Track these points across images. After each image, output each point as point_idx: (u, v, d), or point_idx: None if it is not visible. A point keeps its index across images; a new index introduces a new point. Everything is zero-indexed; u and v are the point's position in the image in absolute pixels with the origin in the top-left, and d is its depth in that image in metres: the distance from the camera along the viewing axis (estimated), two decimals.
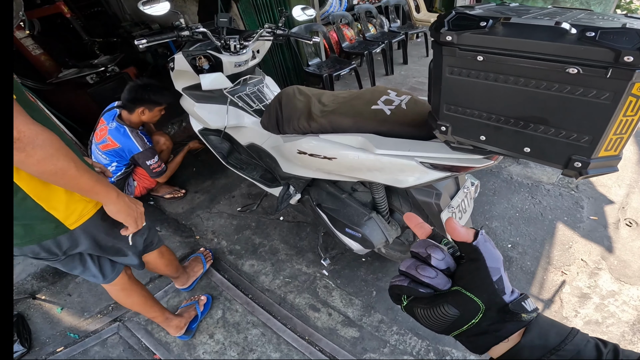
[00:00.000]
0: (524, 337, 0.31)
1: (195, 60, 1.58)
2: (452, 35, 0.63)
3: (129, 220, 0.95)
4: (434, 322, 0.33)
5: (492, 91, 0.65)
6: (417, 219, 0.38)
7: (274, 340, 1.49)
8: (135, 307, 1.35)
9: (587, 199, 1.99)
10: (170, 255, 1.48)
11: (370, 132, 1.06)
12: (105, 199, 0.88)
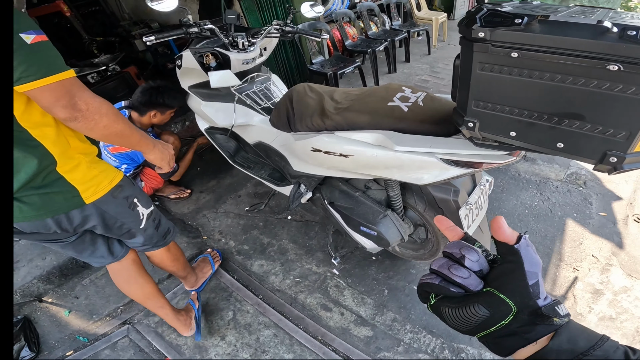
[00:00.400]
0: (552, 341, 0.31)
1: (203, 57, 1.55)
2: (485, 31, 0.62)
3: (163, 163, 1.11)
4: (461, 322, 0.33)
5: (526, 87, 0.64)
6: (448, 222, 0.39)
7: (286, 341, 1.47)
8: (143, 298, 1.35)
9: (596, 196, 1.99)
10: (177, 251, 1.44)
11: (388, 129, 1.05)
12: (146, 148, 1.03)
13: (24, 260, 1.83)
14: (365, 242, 1.39)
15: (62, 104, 0.75)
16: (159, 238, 1.24)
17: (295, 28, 1.57)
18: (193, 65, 1.51)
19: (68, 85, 0.76)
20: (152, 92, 1.80)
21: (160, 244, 1.27)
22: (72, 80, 0.77)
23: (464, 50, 0.70)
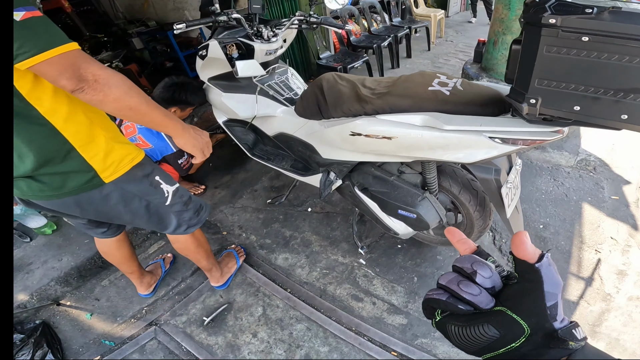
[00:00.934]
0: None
1: (226, 48, 1.53)
2: (556, 18, 0.69)
3: (196, 150, 1.00)
4: (467, 341, 0.31)
5: (593, 66, 0.71)
6: (460, 234, 0.37)
7: (320, 334, 1.45)
8: (121, 261, 1.43)
9: (606, 180, 2.05)
10: (202, 236, 1.40)
11: (432, 112, 1.05)
12: (173, 131, 0.94)
13: (37, 262, 1.76)
14: (399, 228, 1.39)
15: (67, 76, 0.72)
16: (191, 215, 1.21)
17: (319, 19, 1.56)
18: (218, 55, 1.48)
19: (71, 57, 0.73)
20: (176, 88, 1.75)
21: (194, 222, 1.24)
22: (76, 53, 0.74)
23: (529, 35, 0.77)
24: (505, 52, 2.28)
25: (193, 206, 1.21)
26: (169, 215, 1.14)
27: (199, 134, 1.02)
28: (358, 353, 1.37)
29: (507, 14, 2.17)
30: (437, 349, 1.36)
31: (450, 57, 4.11)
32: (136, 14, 3.92)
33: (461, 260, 0.32)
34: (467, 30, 5.33)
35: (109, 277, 1.76)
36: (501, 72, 2.40)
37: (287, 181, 2.26)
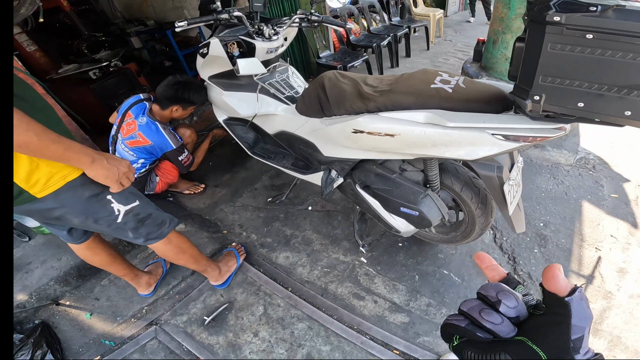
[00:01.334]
0: None
1: (227, 46, 1.52)
2: (561, 16, 0.69)
3: (109, 182, 0.95)
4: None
5: (597, 63, 0.71)
6: (490, 260, 0.37)
7: (322, 333, 1.44)
8: (104, 266, 1.41)
9: (606, 178, 2.06)
10: (183, 243, 1.38)
11: (435, 109, 1.05)
12: (79, 165, 0.88)
13: (36, 261, 1.75)
14: (401, 226, 1.39)
15: None
16: (150, 230, 1.20)
17: (320, 17, 1.56)
18: (220, 53, 1.48)
19: None
20: (179, 87, 1.74)
21: (154, 236, 1.23)
22: None
23: (533, 32, 0.77)
24: (505, 51, 2.29)
25: (152, 222, 1.20)
26: (122, 230, 1.14)
27: (115, 164, 0.94)
28: (360, 352, 1.37)
29: (507, 13, 2.17)
30: (439, 347, 1.36)
31: (450, 56, 4.11)
32: (135, 13, 3.91)
33: (487, 288, 0.32)
34: (465, 30, 5.34)
35: (109, 277, 1.74)
36: (501, 70, 2.41)
37: (287, 180, 2.25)
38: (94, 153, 0.89)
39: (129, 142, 1.77)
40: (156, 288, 1.64)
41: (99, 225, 1.09)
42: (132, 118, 1.78)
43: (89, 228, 1.14)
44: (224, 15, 1.35)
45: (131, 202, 1.12)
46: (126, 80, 2.69)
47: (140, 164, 1.85)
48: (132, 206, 1.11)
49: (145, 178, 1.95)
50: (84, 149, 0.87)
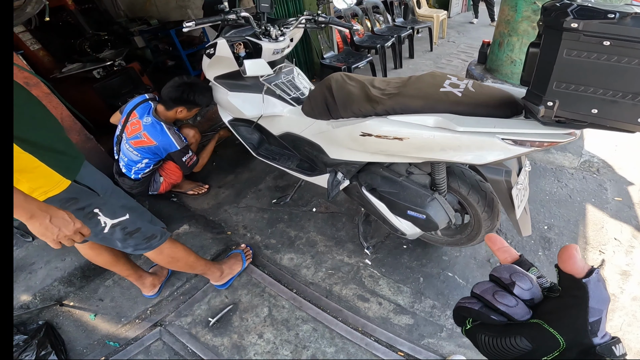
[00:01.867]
0: None
1: (233, 47, 1.52)
2: (578, 22, 0.70)
3: (45, 239, 0.86)
4: (497, 352, 0.30)
5: (613, 70, 0.72)
6: (502, 242, 0.36)
7: (326, 335, 1.44)
8: (107, 265, 1.41)
9: (609, 182, 2.06)
10: (176, 253, 1.37)
11: (444, 113, 1.05)
12: (17, 217, 0.81)
13: (40, 262, 1.74)
14: (407, 228, 1.39)
15: None
16: (138, 242, 1.20)
17: (327, 18, 1.56)
18: (226, 53, 1.47)
19: None
20: (184, 88, 1.74)
21: (142, 247, 1.23)
22: None
23: (549, 38, 0.78)
24: (510, 54, 2.29)
25: (140, 236, 1.19)
26: (109, 240, 1.14)
27: (59, 225, 0.85)
28: (364, 353, 1.37)
29: (513, 15, 2.17)
30: (444, 348, 1.36)
31: (453, 57, 4.11)
32: (138, 12, 3.90)
33: (499, 269, 0.31)
34: (468, 31, 5.34)
35: (113, 277, 1.74)
36: (506, 73, 2.41)
37: (291, 181, 2.25)
38: (37, 209, 0.82)
39: (134, 142, 1.77)
40: (160, 289, 1.64)
41: None
42: (137, 118, 1.77)
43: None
44: (231, 15, 1.35)
45: (119, 217, 1.11)
46: (129, 80, 2.68)
47: (144, 164, 1.84)
48: (120, 220, 1.11)
49: (149, 178, 1.95)
50: (25, 203, 0.80)
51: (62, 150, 0.96)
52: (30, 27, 2.63)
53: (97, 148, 2.10)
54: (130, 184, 1.92)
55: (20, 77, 1.71)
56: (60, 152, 0.95)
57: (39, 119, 0.95)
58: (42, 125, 0.95)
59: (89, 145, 2.06)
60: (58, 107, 1.87)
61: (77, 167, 1.00)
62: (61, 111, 1.89)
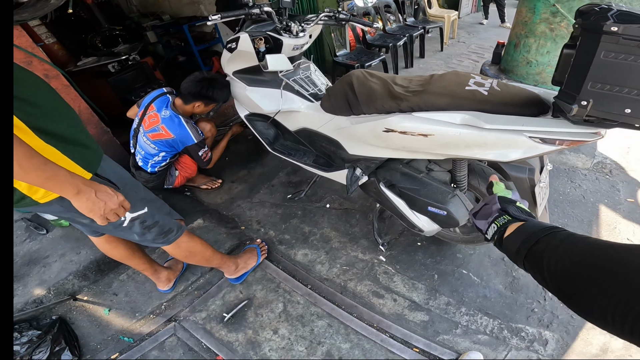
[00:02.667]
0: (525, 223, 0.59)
1: (254, 41, 1.53)
2: (618, 26, 0.72)
3: (92, 215, 0.89)
4: None
5: None
6: None
7: (342, 331, 1.44)
8: (123, 259, 1.41)
9: (622, 183, 2.07)
10: (193, 247, 1.38)
11: (470, 111, 1.06)
12: (62, 194, 0.84)
13: (54, 255, 1.75)
14: (425, 225, 1.39)
15: None
16: (155, 236, 1.21)
17: (348, 16, 1.56)
18: (248, 48, 1.48)
19: None
20: (204, 84, 1.75)
21: (159, 242, 1.24)
22: None
23: (586, 41, 0.80)
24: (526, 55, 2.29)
25: (158, 230, 1.20)
26: (128, 233, 1.14)
27: (104, 199, 0.88)
28: (380, 350, 1.38)
29: (531, 17, 2.17)
30: (459, 345, 1.37)
31: (464, 58, 4.11)
32: (150, 7, 3.91)
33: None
34: (478, 32, 5.33)
35: (127, 272, 1.74)
36: (521, 74, 2.41)
37: (304, 177, 2.26)
38: (82, 184, 0.84)
39: (151, 134, 1.78)
40: (175, 283, 1.64)
41: (105, 228, 1.09)
42: (155, 111, 1.78)
43: (96, 229, 1.16)
44: (255, 10, 1.35)
45: (139, 210, 1.11)
46: (143, 74, 2.69)
47: (161, 157, 1.85)
48: (139, 214, 1.11)
49: (165, 172, 1.96)
50: (70, 178, 0.82)
51: (83, 143, 0.96)
52: (46, 21, 2.65)
53: (113, 141, 2.11)
54: (146, 177, 1.93)
55: (40, 69, 1.73)
56: (82, 145, 0.95)
57: (61, 112, 0.95)
58: (65, 118, 0.95)
59: (105, 138, 2.07)
60: (76, 99, 1.89)
61: (98, 160, 1.00)
62: (79, 104, 1.90)
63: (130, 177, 1.16)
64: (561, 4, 2.14)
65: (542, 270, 0.46)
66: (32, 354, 1.33)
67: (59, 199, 0.92)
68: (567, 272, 0.42)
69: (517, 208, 0.66)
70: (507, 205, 0.66)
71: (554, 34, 2.23)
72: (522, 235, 0.54)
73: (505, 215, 0.64)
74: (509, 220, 0.62)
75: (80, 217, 1.01)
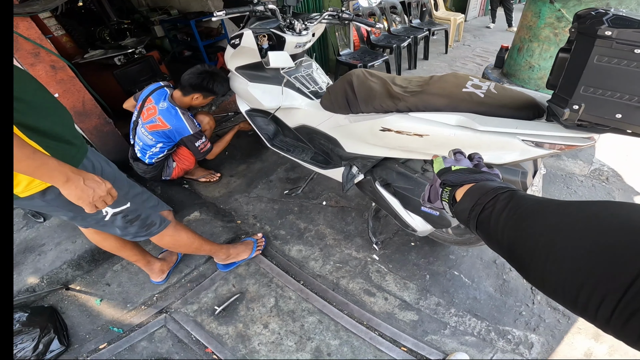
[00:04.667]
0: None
1: (257, 38, 1.54)
2: (612, 30, 0.73)
3: (81, 203, 0.90)
4: None
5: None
6: None
7: (331, 327, 1.45)
8: (114, 250, 1.41)
9: (618, 190, 2.06)
10: (177, 239, 1.39)
11: (466, 112, 1.07)
12: (52, 182, 0.86)
13: (50, 243, 1.76)
14: (418, 225, 1.40)
15: None
16: (137, 230, 1.22)
17: (351, 15, 1.57)
18: (251, 44, 1.50)
19: None
20: (205, 76, 1.77)
21: (142, 235, 1.25)
22: None
23: (581, 44, 0.80)
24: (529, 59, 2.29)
25: (140, 224, 1.22)
26: (110, 227, 1.16)
27: (92, 186, 0.90)
28: (368, 347, 1.39)
29: (535, 21, 2.17)
30: (447, 346, 1.38)
31: (468, 61, 4.11)
32: (159, 1, 3.94)
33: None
34: (484, 36, 5.32)
35: (121, 262, 1.75)
36: (523, 78, 2.41)
37: (302, 173, 2.27)
38: (71, 172, 0.85)
39: (149, 126, 1.81)
40: (169, 275, 1.66)
41: (86, 222, 1.12)
42: (153, 103, 1.81)
43: (78, 224, 1.17)
44: (259, 7, 1.37)
45: (121, 205, 1.13)
46: (148, 68, 2.71)
47: (158, 148, 1.88)
48: (121, 209, 1.13)
49: (162, 163, 1.98)
50: (59, 166, 0.84)
51: (67, 140, 0.97)
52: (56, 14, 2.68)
53: (114, 132, 2.14)
54: (144, 168, 1.95)
55: (47, 60, 1.75)
56: (66, 142, 0.96)
57: (49, 108, 0.96)
58: (51, 115, 0.96)
59: (107, 128, 2.09)
60: (81, 90, 1.91)
61: (81, 157, 1.01)
62: (83, 95, 1.93)
63: (116, 173, 1.15)
64: (567, 9, 2.14)
65: (492, 239, 0.43)
66: (19, 342, 1.32)
67: (40, 194, 0.94)
68: (512, 242, 0.39)
69: (454, 172, 0.59)
70: (444, 176, 0.60)
71: (557, 39, 2.22)
72: (467, 204, 0.49)
73: (445, 187, 0.59)
74: (451, 189, 0.57)
75: (62, 211, 1.03)
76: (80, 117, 1.97)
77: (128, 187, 1.18)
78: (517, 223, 0.39)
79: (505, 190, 0.45)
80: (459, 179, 0.57)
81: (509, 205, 0.42)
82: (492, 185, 0.49)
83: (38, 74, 1.74)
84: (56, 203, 0.98)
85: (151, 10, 3.82)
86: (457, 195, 0.54)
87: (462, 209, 0.50)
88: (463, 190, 0.53)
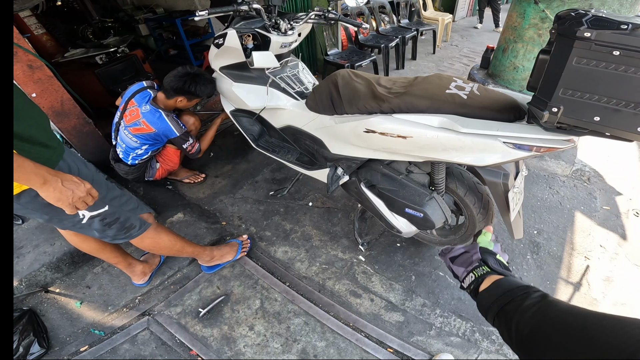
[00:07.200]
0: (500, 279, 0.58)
1: (242, 38, 1.51)
2: (591, 32, 0.72)
3: (61, 205, 0.88)
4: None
5: (620, 79, 0.74)
6: None
7: (317, 329, 1.45)
8: (94, 252, 1.38)
9: (599, 191, 2.12)
10: (159, 242, 1.36)
11: (449, 114, 1.07)
12: (29, 185, 0.84)
13: (28, 245, 1.70)
14: (403, 226, 1.40)
15: None
16: (116, 232, 1.19)
17: (337, 15, 1.56)
18: (235, 44, 1.47)
19: None
20: (187, 78, 1.71)
21: (120, 238, 1.23)
22: None
23: (560, 46, 0.79)
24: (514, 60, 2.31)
25: (119, 226, 1.19)
26: (87, 229, 1.14)
27: (71, 187, 0.88)
28: (355, 349, 1.38)
29: (520, 22, 2.19)
30: (432, 347, 1.39)
31: (455, 61, 4.15)
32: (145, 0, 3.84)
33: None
34: (472, 36, 5.38)
35: (102, 264, 1.71)
36: (508, 79, 2.44)
37: (288, 174, 2.25)
38: (48, 174, 0.84)
39: (133, 129, 1.75)
40: (151, 277, 1.62)
41: (63, 224, 1.09)
42: (136, 106, 1.76)
43: (55, 226, 1.14)
44: (243, 6, 1.34)
45: (99, 209, 1.10)
46: (132, 67, 2.64)
47: (144, 150, 1.83)
48: (98, 212, 1.10)
49: (145, 164, 1.93)
50: (35, 169, 0.82)
51: (43, 142, 0.94)
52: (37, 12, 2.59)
53: (94, 132, 2.07)
54: (125, 169, 1.90)
55: (24, 60, 1.69)
56: (40, 144, 0.93)
57: (21, 110, 0.93)
58: (25, 117, 0.93)
59: (87, 128, 2.03)
60: (59, 90, 1.85)
61: (57, 159, 0.98)
62: (62, 94, 1.86)
63: (94, 175, 1.11)
64: (550, 10, 2.17)
65: (510, 329, 0.47)
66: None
67: (15, 197, 0.91)
68: (532, 337, 0.43)
69: (497, 261, 0.66)
70: (487, 256, 0.66)
71: (541, 39, 2.26)
72: (497, 291, 0.55)
73: (484, 266, 0.64)
74: (487, 272, 0.62)
75: (38, 214, 1.00)
76: (58, 117, 1.91)
77: (106, 189, 1.15)
78: (543, 324, 0.43)
79: (538, 290, 0.51)
80: (498, 269, 0.63)
81: (539, 304, 0.46)
82: (521, 282, 0.55)
83: (15, 74, 1.68)
84: (31, 206, 0.96)
85: (136, 9, 3.72)
86: (484, 282, 0.60)
87: (488, 296, 0.56)
88: (491, 280, 0.59)
